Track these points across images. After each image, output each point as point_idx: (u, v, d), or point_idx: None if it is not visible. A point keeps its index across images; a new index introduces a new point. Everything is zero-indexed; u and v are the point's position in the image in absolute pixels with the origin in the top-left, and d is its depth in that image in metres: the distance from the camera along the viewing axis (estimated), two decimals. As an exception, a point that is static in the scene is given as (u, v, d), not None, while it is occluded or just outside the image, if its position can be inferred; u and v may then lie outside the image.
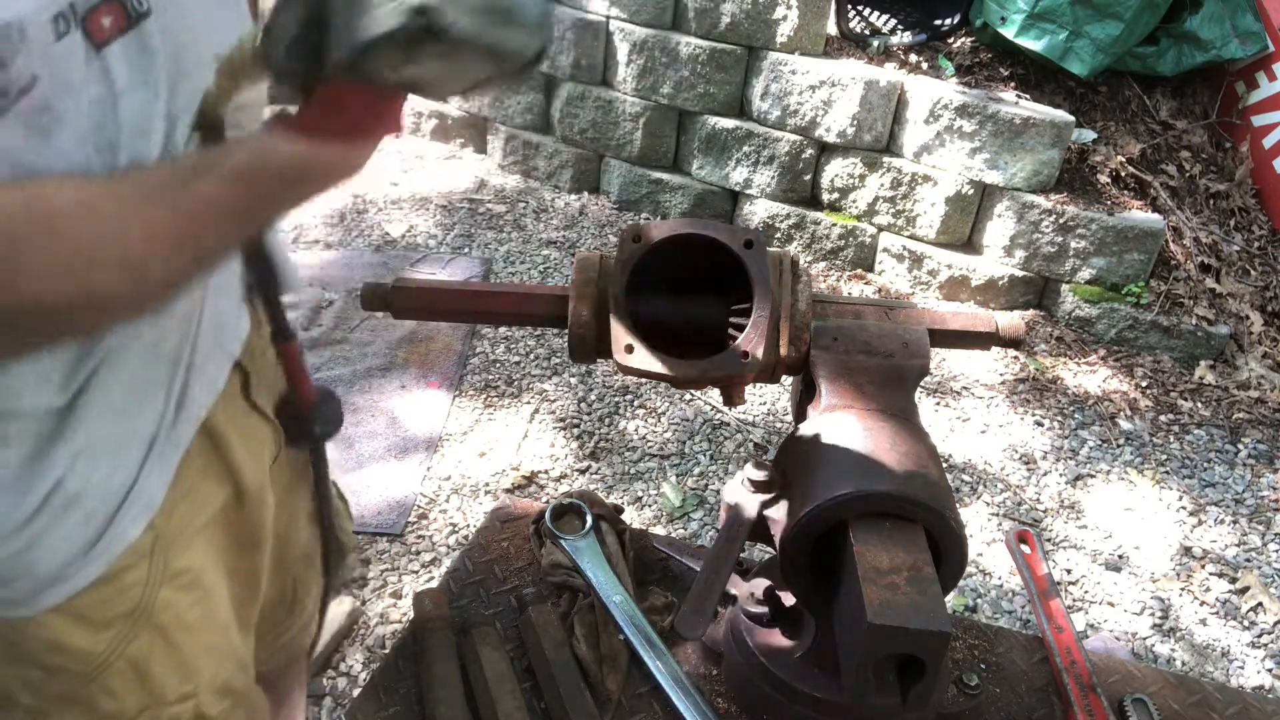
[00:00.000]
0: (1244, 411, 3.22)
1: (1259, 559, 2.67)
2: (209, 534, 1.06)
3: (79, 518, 0.88)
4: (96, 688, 0.97)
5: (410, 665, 1.08)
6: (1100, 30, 3.37)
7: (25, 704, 0.97)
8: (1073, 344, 3.49)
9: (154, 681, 1.00)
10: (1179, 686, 1.15)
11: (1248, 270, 3.56)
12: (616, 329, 1.00)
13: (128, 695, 0.99)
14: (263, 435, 1.13)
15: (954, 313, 1.11)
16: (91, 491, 0.88)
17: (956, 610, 2.41)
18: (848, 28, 3.79)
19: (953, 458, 2.95)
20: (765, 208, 3.91)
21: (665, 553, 1.25)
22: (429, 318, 1.12)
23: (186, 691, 1.04)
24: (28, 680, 0.95)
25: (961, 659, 1.15)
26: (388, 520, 2.54)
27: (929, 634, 0.78)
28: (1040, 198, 3.46)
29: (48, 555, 0.88)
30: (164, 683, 1.01)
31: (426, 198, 4.19)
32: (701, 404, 3.07)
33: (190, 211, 0.68)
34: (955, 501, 0.96)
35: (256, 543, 1.14)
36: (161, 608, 0.98)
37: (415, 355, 3.20)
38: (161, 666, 1.00)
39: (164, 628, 0.99)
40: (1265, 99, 3.63)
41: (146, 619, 0.97)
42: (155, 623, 0.98)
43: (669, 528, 2.60)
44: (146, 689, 1.00)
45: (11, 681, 0.95)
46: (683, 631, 0.86)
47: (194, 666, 1.04)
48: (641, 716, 1.04)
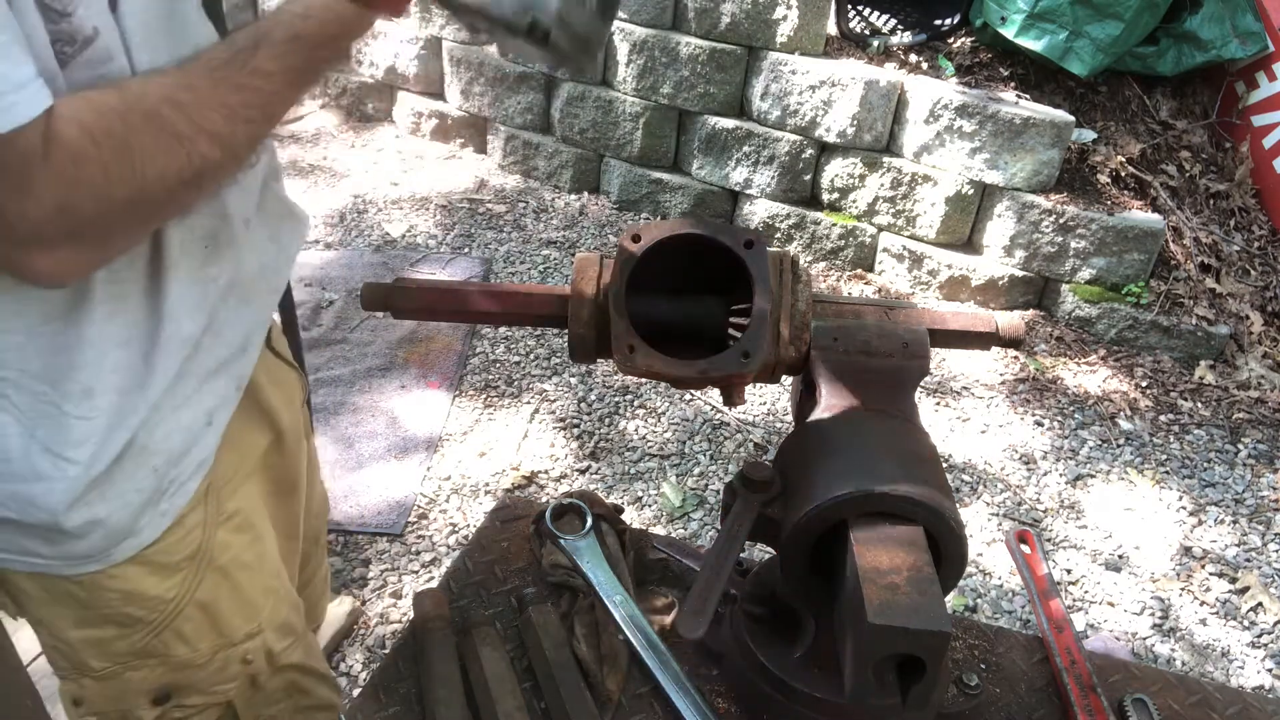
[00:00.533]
0: (1244, 411, 3.22)
1: (1259, 559, 2.67)
2: (254, 480, 1.12)
3: (147, 471, 0.93)
4: (170, 634, 1.01)
5: (410, 665, 1.08)
6: (1100, 30, 3.37)
7: (96, 668, 1.00)
8: (1073, 344, 3.49)
9: (222, 621, 1.05)
10: (1179, 686, 1.15)
11: (1248, 270, 3.56)
12: (616, 329, 1.00)
13: (200, 639, 1.04)
14: (290, 379, 1.20)
15: (954, 313, 1.11)
16: (158, 446, 0.93)
17: (956, 610, 2.41)
18: (848, 28, 3.79)
19: (953, 458, 2.95)
20: (765, 208, 3.91)
21: (665, 553, 1.25)
22: (429, 318, 1.12)
23: (251, 630, 1.09)
24: (99, 641, 0.99)
25: (961, 659, 1.15)
26: (388, 520, 2.54)
27: (929, 634, 0.78)
28: (1040, 198, 3.46)
29: (120, 508, 0.92)
30: (231, 622, 1.06)
31: (426, 198, 4.19)
32: (701, 404, 3.07)
33: (256, 85, 0.79)
34: (955, 501, 0.96)
35: (294, 487, 1.21)
36: (220, 548, 1.03)
37: (415, 355, 3.20)
38: (228, 606, 1.05)
39: (225, 568, 1.04)
40: (1265, 99, 3.63)
41: (208, 561, 1.02)
42: (217, 564, 1.03)
43: (669, 528, 2.60)
44: (216, 629, 1.05)
45: (82, 645, 0.99)
46: (683, 631, 0.86)
47: (256, 605, 1.09)
48: (641, 716, 1.04)
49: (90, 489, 0.89)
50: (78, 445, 0.87)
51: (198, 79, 0.77)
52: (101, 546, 0.93)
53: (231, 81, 0.77)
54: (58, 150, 0.69)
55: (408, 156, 4.52)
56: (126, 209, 0.75)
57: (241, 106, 0.78)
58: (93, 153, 0.70)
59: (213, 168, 0.78)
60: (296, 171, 4.30)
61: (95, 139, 0.71)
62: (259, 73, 0.78)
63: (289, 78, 0.81)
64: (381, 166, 4.41)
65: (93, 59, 0.75)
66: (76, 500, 0.88)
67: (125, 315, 0.87)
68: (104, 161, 0.71)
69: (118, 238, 0.79)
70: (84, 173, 0.70)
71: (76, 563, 0.93)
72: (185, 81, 0.76)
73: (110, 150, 0.71)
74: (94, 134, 0.71)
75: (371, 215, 4.04)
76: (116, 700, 1.03)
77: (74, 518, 0.89)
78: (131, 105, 0.73)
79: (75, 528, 0.90)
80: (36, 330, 0.83)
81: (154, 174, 0.74)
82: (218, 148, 0.77)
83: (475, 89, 4.39)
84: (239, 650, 1.07)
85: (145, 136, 0.73)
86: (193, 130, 0.75)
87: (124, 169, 0.72)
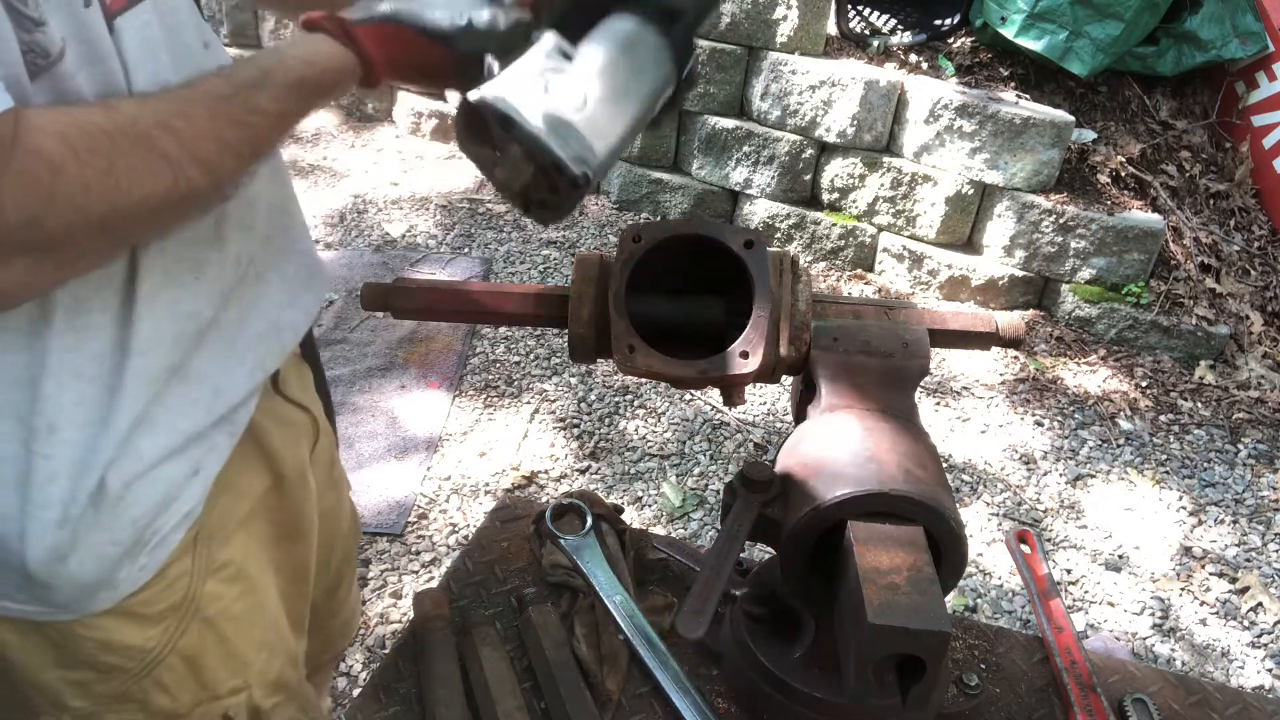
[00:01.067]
0: (1244, 411, 3.22)
1: (1259, 559, 2.67)
2: (251, 526, 1.06)
3: (124, 524, 0.88)
4: (150, 683, 0.97)
5: (410, 665, 1.08)
6: (1100, 30, 3.37)
7: (75, 707, 0.96)
8: (1073, 344, 3.49)
9: (206, 674, 1.01)
10: (1179, 686, 1.15)
11: (1248, 270, 3.56)
12: (617, 329, 1.00)
13: (181, 690, 0.99)
14: (298, 421, 1.14)
15: (954, 313, 1.11)
16: (136, 496, 0.89)
17: (956, 610, 2.41)
18: (848, 28, 3.79)
19: (953, 458, 2.95)
20: (765, 208, 3.91)
21: (665, 553, 1.25)
22: (429, 318, 1.12)
23: (237, 685, 1.04)
24: (78, 682, 0.95)
25: (961, 659, 1.15)
26: (388, 520, 2.54)
27: (929, 634, 0.78)
28: (1040, 198, 3.46)
29: (93, 560, 0.87)
30: (215, 676, 1.02)
31: (426, 198, 4.19)
32: (701, 404, 3.07)
33: (251, 122, 0.80)
34: (955, 501, 0.96)
35: (301, 533, 1.16)
36: (208, 600, 0.99)
37: (415, 355, 3.20)
38: (213, 659, 1.01)
39: (212, 620, 1.00)
40: (1265, 99, 3.63)
41: (194, 612, 0.98)
42: (203, 615, 0.99)
43: (669, 528, 2.60)
44: (199, 682, 1.00)
45: (61, 686, 0.95)
46: (683, 631, 0.86)
47: (244, 659, 1.04)
48: (641, 716, 1.04)
49: (61, 536, 0.84)
50: (44, 485, 0.83)
51: (196, 108, 0.77)
52: (74, 598, 0.88)
53: (229, 116, 0.79)
54: (34, 160, 0.67)
55: (408, 156, 4.52)
56: (101, 227, 0.73)
57: (235, 141, 0.79)
58: (73, 168, 0.69)
59: (197, 195, 0.78)
60: (297, 171, 4.30)
61: (78, 154, 0.69)
62: (257, 111, 0.80)
63: (284, 119, 0.83)
64: (381, 166, 4.41)
65: (59, 74, 0.74)
66: (48, 548, 0.84)
67: (91, 345, 0.83)
68: (85, 178, 0.70)
69: (83, 257, 0.76)
70: (61, 186, 0.69)
71: (50, 611, 0.89)
72: (182, 109, 0.77)
73: (94, 167, 0.70)
74: (77, 149, 0.69)
75: (371, 215, 4.04)
76: None
77: (45, 567, 0.85)
78: (122, 126, 0.73)
79: (46, 577, 0.85)
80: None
81: (138, 194, 0.73)
82: (205, 176, 0.77)
83: (475, 89, 4.39)
84: (221, 705, 1.02)
85: (134, 157, 0.72)
86: (185, 156, 0.75)
87: (106, 186, 0.71)
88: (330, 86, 0.87)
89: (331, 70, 0.85)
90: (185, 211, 0.81)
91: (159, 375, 0.88)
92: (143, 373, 0.86)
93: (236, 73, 0.81)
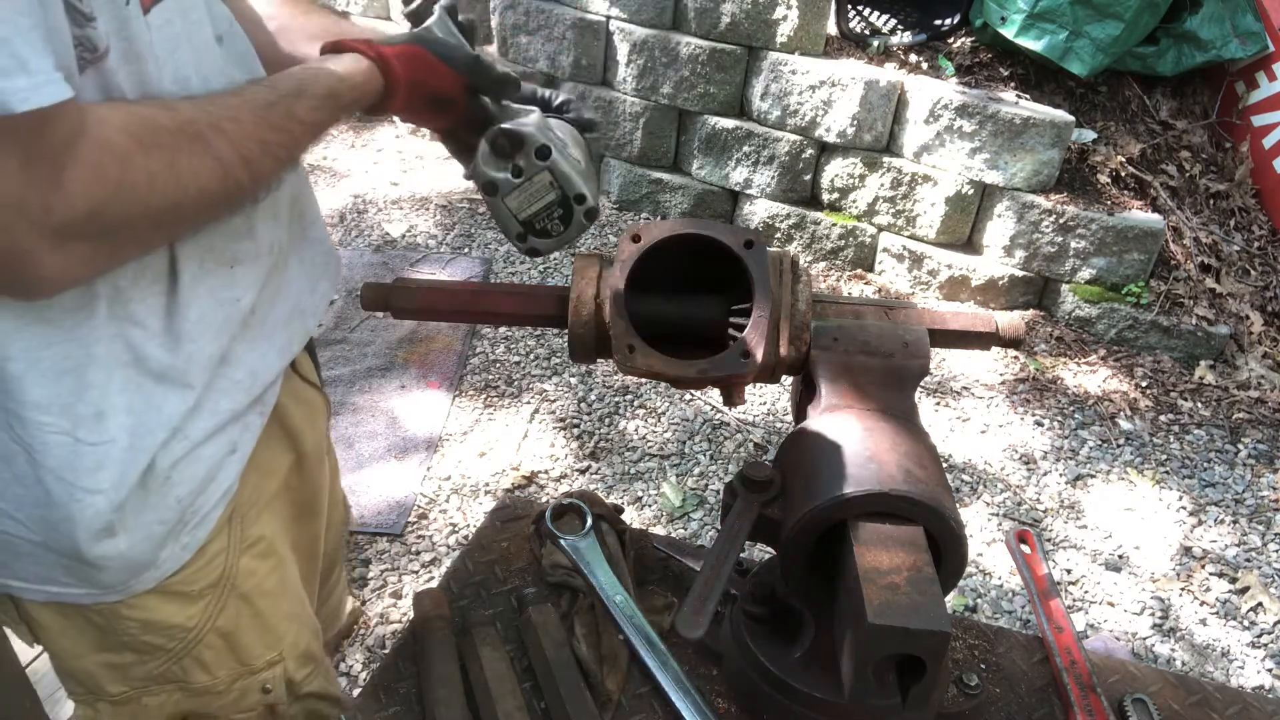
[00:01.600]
0: (1244, 411, 3.22)
1: (1259, 559, 2.67)
2: (276, 505, 1.11)
3: (171, 502, 0.93)
4: (190, 662, 1.01)
5: (410, 665, 1.08)
6: (1100, 30, 3.37)
7: (113, 693, 0.99)
8: (1073, 344, 3.49)
9: (243, 650, 1.05)
10: (1179, 686, 1.15)
11: (1248, 270, 3.56)
12: (616, 329, 1.00)
13: (219, 666, 1.03)
14: (314, 399, 1.20)
15: (954, 313, 1.11)
16: (181, 475, 0.93)
17: (956, 610, 2.41)
18: (848, 28, 3.79)
19: (953, 458, 2.95)
20: (765, 208, 3.91)
21: (665, 553, 1.25)
22: (429, 318, 1.12)
23: (272, 658, 1.08)
24: (117, 665, 0.99)
25: (961, 659, 1.15)
26: (388, 520, 2.54)
27: (929, 634, 0.78)
28: (1040, 198, 3.46)
29: (142, 540, 0.92)
30: (252, 650, 1.06)
31: (426, 198, 4.19)
32: (701, 404, 3.07)
33: (290, 129, 0.87)
34: (955, 501, 0.96)
35: (315, 510, 1.21)
36: (243, 575, 1.03)
37: (415, 355, 3.20)
38: (249, 634, 1.05)
39: (247, 595, 1.04)
40: (1265, 99, 3.63)
41: (231, 588, 1.02)
42: (239, 591, 1.03)
43: (669, 528, 2.60)
44: (236, 657, 1.05)
45: (99, 671, 0.99)
46: (683, 631, 0.86)
47: (278, 632, 1.09)
48: (641, 716, 1.04)
49: (112, 518, 0.88)
50: (93, 473, 0.85)
51: (244, 113, 0.84)
52: (122, 579, 0.92)
53: (271, 121, 0.86)
54: (103, 152, 0.72)
55: (408, 156, 4.52)
56: (158, 220, 0.79)
57: (275, 144, 0.86)
58: (140, 160, 0.74)
59: (241, 193, 0.85)
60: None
61: (145, 148, 0.74)
62: (295, 118, 0.88)
63: (318, 128, 0.91)
64: (381, 166, 4.41)
65: (105, 69, 0.77)
66: (99, 530, 0.87)
67: (135, 333, 0.86)
68: (151, 170, 0.75)
69: (134, 246, 0.81)
70: (129, 177, 0.73)
71: (96, 593, 0.92)
72: (232, 114, 0.83)
73: (159, 161, 0.75)
74: (145, 143, 0.75)
75: (371, 215, 4.04)
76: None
77: (95, 548, 0.88)
78: (182, 125, 0.78)
79: (96, 558, 0.89)
80: (37, 356, 0.81)
81: (195, 190, 0.79)
82: (249, 175, 0.84)
83: (475, 89, 4.39)
84: (259, 679, 1.07)
85: (192, 156, 0.78)
86: (233, 156, 0.81)
87: (168, 181, 0.76)
88: (357, 100, 0.95)
89: (360, 85, 0.94)
90: (228, 209, 0.87)
91: (210, 361, 0.93)
92: (196, 359, 0.91)
93: (279, 83, 0.89)
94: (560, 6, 3.97)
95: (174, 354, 0.89)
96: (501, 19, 4.13)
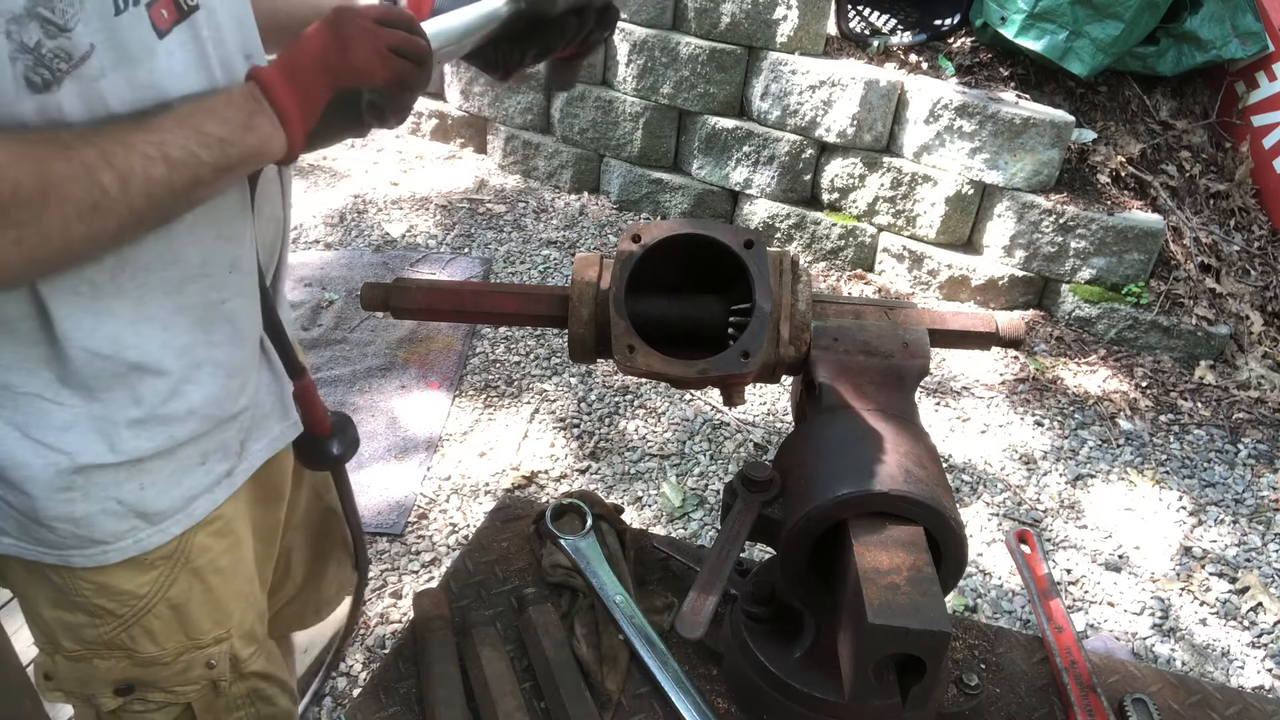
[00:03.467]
0: (1244, 411, 3.22)
1: (1259, 559, 2.67)
2: (240, 487, 1.11)
3: (134, 487, 0.96)
4: (139, 630, 1.03)
5: (410, 665, 1.08)
6: (1100, 30, 3.37)
7: (67, 648, 1.02)
8: (1073, 344, 3.49)
9: (191, 624, 1.06)
10: (1179, 686, 1.15)
11: (1248, 270, 3.56)
12: (616, 329, 1.00)
13: (167, 638, 1.05)
14: None
15: (954, 313, 1.11)
16: (149, 466, 0.96)
17: (956, 610, 2.41)
18: (848, 28, 3.79)
19: (953, 458, 2.95)
20: (765, 208, 3.91)
21: (665, 553, 1.25)
22: (429, 318, 1.12)
23: (219, 635, 1.10)
24: (71, 625, 1.01)
25: (961, 659, 1.15)
26: (388, 520, 2.54)
27: (929, 634, 0.78)
28: (1040, 198, 3.46)
29: (96, 512, 0.94)
30: (200, 625, 1.07)
31: (426, 198, 4.19)
32: (701, 404, 3.07)
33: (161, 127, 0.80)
34: (955, 501, 0.96)
35: (279, 496, 1.24)
36: (198, 551, 1.04)
37: (415, 355, 3.20)
38: (198, 609, 1.06)
39: (200, 571, 1.05)
40: (1265, 99, 3.63)
41: (185, 561, 1.03)
42: (192, 565, 1.04)
43: (669, 528, 2.60)
44: (184, 630, 1.06)
45: (56, 626, 1.02)
46: (683, 631, 0.86)
47: (226, 610, 1.10)
48: (641, 716, 1.04)
49: (73, 479, 0.91)
50: (60, 432, 0.89)
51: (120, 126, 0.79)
52: (72, 546, 0.94)
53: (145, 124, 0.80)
54: None
55: (408, 156, 4.52)
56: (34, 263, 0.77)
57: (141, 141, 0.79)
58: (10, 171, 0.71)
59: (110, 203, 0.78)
60: (297, 171, 4.30)
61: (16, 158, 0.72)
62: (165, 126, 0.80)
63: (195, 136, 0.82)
64: (381, 166, 4.41)
65: (84, 75, 0.76)
66: (58, 489, 0.90)
67: (96, 318, 0.88)
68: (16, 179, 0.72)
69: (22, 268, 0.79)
70: None
71: (47, 553, 0.95)
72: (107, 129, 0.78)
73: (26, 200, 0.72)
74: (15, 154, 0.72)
75: (371, 215, 4.04)
76: (83, 684, 1.05)
77: (51, 508, 0.91)
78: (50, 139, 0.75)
79: (49, 519, 0.91)
80: (14, 327, 0.85)
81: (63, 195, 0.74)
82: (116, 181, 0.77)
83: (475, 89, 4.39)
84: (203, 654, 1.08)
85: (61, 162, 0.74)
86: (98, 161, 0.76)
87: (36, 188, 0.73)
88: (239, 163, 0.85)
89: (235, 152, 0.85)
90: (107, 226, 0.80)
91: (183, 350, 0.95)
92: (171, 346, 0.93)
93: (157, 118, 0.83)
94: (560, 6, 3.97)
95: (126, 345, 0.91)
96: (501, 19, 4.12)
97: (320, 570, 1.42)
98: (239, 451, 1.06)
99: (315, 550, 1.39)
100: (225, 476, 1.05)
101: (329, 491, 1.38)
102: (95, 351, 0.88)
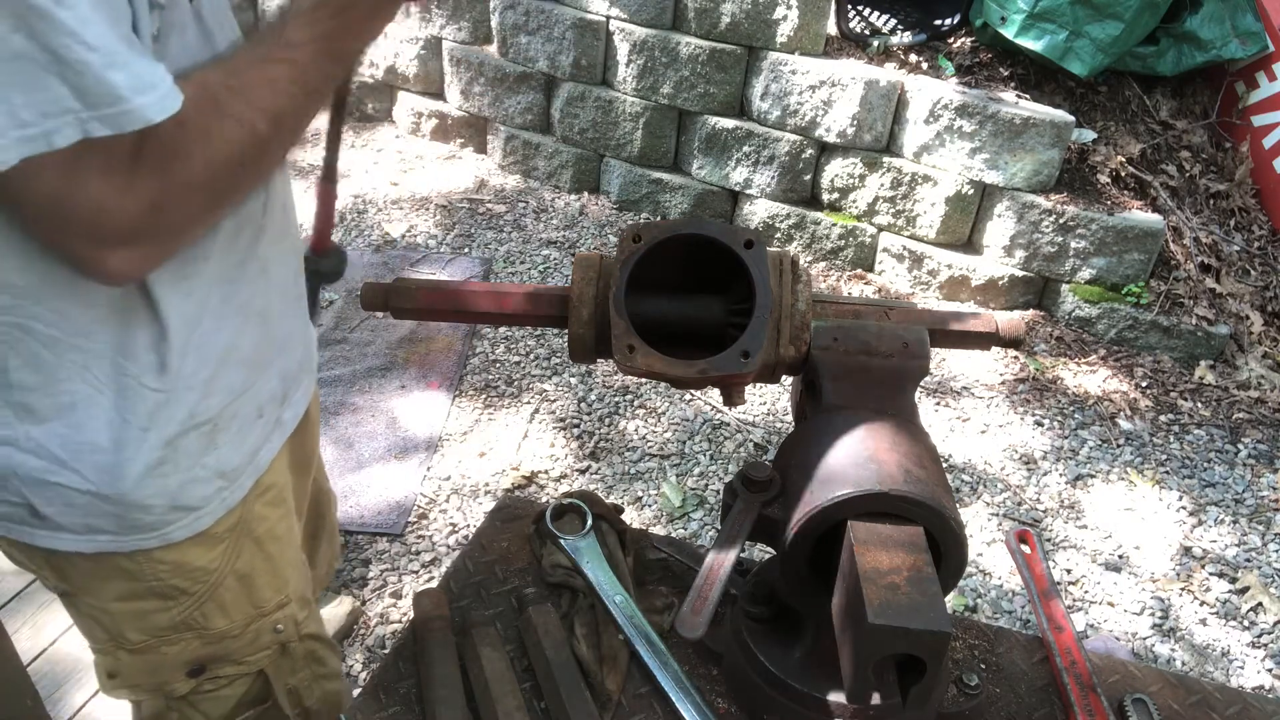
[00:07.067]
0: (1244, 411, 3.22)
1: (1259, 559, 2.67)
2: (282, 456, 1.15)
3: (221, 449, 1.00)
4: (211, 606, 1.06)
5: (410, 665, 1.08)
6: (1100, 30, 3.37)
7: (132, 641, 1.03)
8: (1073, 344, 3.49)
9: (256, 592, 1.10)
10: (1179, 686, 1.15)
11: (1248, 270, 3.56)
12: (617, 329, 1.00)
13: (237, 610, 1.08)
14: None
15: (954, 313, 1.11)
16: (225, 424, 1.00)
17: (956, 610, 2.41)
18: (848, 28, 3.79)
19: (953, 458, 2.95)
20: (765, 208, 3.91)
21: (665, 553, 1.25)
22: (429, 318, 1.12)
23: (281, 600, 1.13)
24: (141, 613, 1.03)
25: (961, 659, 1.15)
26: (388, 520, 2.54)
27: (929, 634, 0.78)
28: (1040, 198, 3.46)
29: (187, 482, 0.97)
30: (264, 594, 1.11)
31: (426, 198, 4.19)
32: (701, 404, 3.07)
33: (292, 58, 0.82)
34: (955, 501, 0.96)
35: (308, 463, 1.28)
36: (257, 520, 1.08)
37: (415, 355, 3.20)
38: (261, 578, 1.10)
39: (260, 540, 1.09)
40: (1265, 99, 3.63)
41: (247, 531, 1.07)
42: (254, 535, 1.08)
43: (669, 528, 2.60)
44: (251, 600, 1.09)
45: (123, 618, 1.03)
46: (682, 631, 0.86)
47: (284, 576, 1.14)
48: (641, 716, 1.04)
49: (164, 453, 0.93)
50: (150, 414, 0.91)
51: (240, 63, 0.80)
52: (172, 520, 0.97)
53: (267, 58, 0.81)
54: (163, 147, 0.72)
55: (408, 156, 4.52)
56: (205, 199, 0.78)
57: (284, 80, 0.81)
58: (187, 146, 0.74)
59: (268, 144, 0.81)
60: (296, 171, 4.30)
61: (189, 132, 0.73)
62: (290, 44, 0.82)
63: (318, 45, 0.83)
64: (381, 166, 4.41)
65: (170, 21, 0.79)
66: (150, 465, 0.93)
67: (198, 297, 0.92)
68: (194, 154, 0.74)
69: (186, 234, 0.82)
70: (179, 166, 0.73)
71: (138, 538, 0.97)
72: (232, 68, 0.80)
73: (199, 142, 0.74)
74: (187, 127, 0.73)
75: (371, 215, 4.04)
76: (152, 674, 1.07)
77: (146, 486, 0.93)
78: (202, 96, 0.76)
79: (145, 498, 0.94)
80: (118, 305, 0.87)
81: (223, 158, 0.76)
82: (269, 123, 0.79)
83: (475, 89, 4.39)
84: (270, 620, 1.12)
85: (217, 123, 0.76)
86: (250, 111, 0.78)
87: (212, 157, 0.76)
88: (351, 3, 0.86)
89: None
90: (262, 166, 0.85)
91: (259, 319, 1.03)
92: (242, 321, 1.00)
93: (265, 24, 0.87)
94: (560, 6, 3.97)
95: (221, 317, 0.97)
96: (501, 19, 4.13)
97: (314, 549, 1.45)
98: (283, 400, 1.10)
99: (310, 529, 1.42)
100: (276, 425, 1.08)
101: (320, 472, 1.41)
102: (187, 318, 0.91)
